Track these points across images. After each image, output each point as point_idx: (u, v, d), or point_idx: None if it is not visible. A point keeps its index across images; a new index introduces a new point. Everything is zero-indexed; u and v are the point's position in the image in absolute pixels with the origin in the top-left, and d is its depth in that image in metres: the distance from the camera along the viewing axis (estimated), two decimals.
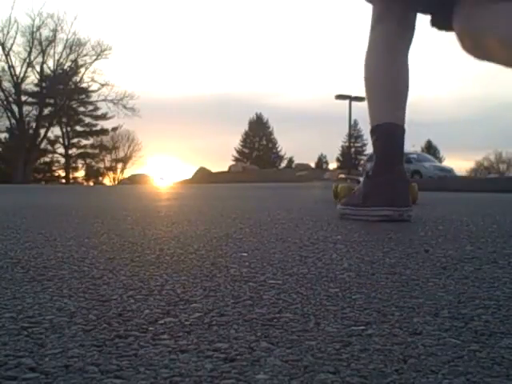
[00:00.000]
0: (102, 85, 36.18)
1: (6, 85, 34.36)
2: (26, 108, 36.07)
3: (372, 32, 1.63)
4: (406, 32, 1.62)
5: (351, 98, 22.94)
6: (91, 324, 0.68)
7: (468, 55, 1.33)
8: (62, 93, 37.12)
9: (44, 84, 36.66)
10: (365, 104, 1.72)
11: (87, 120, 41.39)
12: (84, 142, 42.65)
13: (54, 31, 34.92)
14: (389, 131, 1.64)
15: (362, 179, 1.82)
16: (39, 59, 35.10)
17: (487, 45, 1.25)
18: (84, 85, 38.02)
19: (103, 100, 36.81)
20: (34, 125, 36.54)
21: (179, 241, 1.50)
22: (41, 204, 3.80)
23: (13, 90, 34.59)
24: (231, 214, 2.52)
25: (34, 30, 34.38)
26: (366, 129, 1.94)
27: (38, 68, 35.52)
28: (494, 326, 0.67)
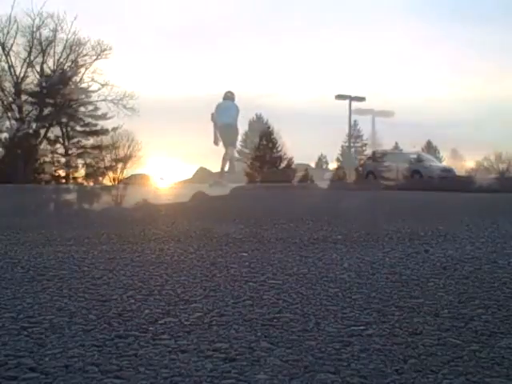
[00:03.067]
0: (102, 85, 36.13)
1: (6, 85, 34.34)
2: (25, 108, 36.08)
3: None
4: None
5: (351, 98, 22.89)
6: (91, 324, 0.68)
7: None
8: (62, 93, 37.16)
9: (44, 84, 36.69)
10: (364, 104, 3.67)
11: (87, 120, 41.43)
12: (84, 142, 42.69)
13: (54, 31, 34.85)
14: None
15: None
16: (39, 59, 35.03)
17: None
18: (84, 85, 38.01)
19: (103, 100, 36.77)
20: (34, 125, 36.58)
21: (179, 241, 1.50)
22: (41, 204, 3.80)
23: (13, 90, 34.61)
24: (231, 214, 2.52)
25: (34, 29, 34.34)
26: (366, 129, 2.06)
27: (38, 68, 35.51)
28: (494, 326, 0.67)
